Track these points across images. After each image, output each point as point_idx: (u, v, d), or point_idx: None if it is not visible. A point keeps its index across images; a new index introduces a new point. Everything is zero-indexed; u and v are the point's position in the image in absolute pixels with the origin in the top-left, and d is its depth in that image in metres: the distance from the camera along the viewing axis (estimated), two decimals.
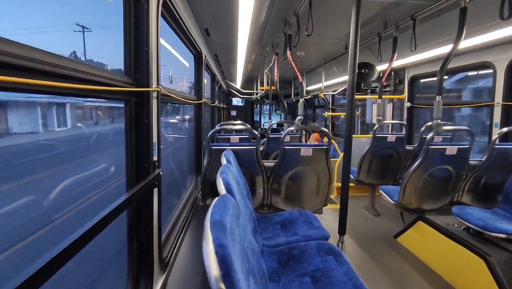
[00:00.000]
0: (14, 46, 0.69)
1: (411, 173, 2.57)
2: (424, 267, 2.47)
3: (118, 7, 1.33)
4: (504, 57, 2.82)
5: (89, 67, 0.99)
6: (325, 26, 3.33)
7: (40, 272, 0.68)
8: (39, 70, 0.77)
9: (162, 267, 1.67)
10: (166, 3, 1.71)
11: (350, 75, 1.84)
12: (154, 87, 1.46)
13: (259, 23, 3.09)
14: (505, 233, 1.97)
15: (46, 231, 2.09)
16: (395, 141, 3.52)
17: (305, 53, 4.91)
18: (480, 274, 1.98)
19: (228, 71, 6.84)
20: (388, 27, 3.20)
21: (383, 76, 3.51)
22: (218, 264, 0.74)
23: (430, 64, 3.83)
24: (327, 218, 3.49)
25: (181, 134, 5.34)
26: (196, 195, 3.30)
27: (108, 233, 1.03)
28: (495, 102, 2.93)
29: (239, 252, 0.99)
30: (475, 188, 2.73)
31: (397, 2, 2.56)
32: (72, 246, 0.79)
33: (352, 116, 1.90)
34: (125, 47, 1.34)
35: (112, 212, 1.01)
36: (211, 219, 0.87)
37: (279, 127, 9.73)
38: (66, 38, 2.82)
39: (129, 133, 1.39)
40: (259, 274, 1.23)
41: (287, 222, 2.24)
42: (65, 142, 4.06)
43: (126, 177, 1.40)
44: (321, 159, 2.57)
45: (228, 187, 1.43)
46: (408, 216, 2.97)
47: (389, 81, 4.69)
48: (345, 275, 1.50)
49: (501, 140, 2.67)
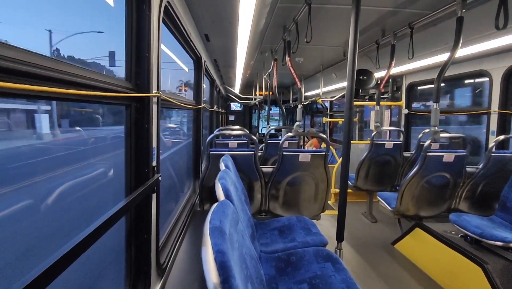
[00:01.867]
0: (14, 51, 0.68)
1: (409, 180, 2.58)
2: (421, 274, 2.47)
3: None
4: (500, 66, 2.86)
5: (91, 73, 1.00)
6: (324, 33, 3.37)
7: (38, 279, 0.66)
8: (40, 75, 0.76)
9: (159, 272, 1.65)
10: (167, 8, 1.73)
11: (349, 81, 1.85)
12: (155, 93, 1.47)
13: (258, 29, 3.12)
14: (502, 241, 1.98)
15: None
16: (393, 147, 3.54)
17: (303, 59, 4.95)
18: (477, 282, 1.98)
19: (227, 76, 6.86)
20: (386, 35, 3.24)
21: (381, 83, 3.54)
22: (217, 271, 0.73)
23: (427, 72, 3.87)
24: (325, 224, 3.48)
25: (178, 139, 5.32)
26: (194, 200, 3.29)
27: (104, 238, 1.03)
28: (492, 110, 2.96)
29: (237, 258, 0.98)
30: (472, 195, 2.74)
31: (395, 10, 2.60)
32: (71, 252, 0.77)
33: (350, 122, 1.91)
34: (126, 53, 1.35)
35: (112, 216, 1.00)
36: (210, 225, 0.86)
37: (277, 133, 9.75)
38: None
39: (129, 138, 1.39)
40: (257, 280, 1.22)
41: (285, 228, 2.23)
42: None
43: (125, 181, 1.40)
44: (319, 165, 2.57)
45: (226, 193, 1.43)
46: (405, 223, 2.98)
47: (386, 88, 4.73)
48: (343, 282, 1.50)
49: (498, 148, 2.70)
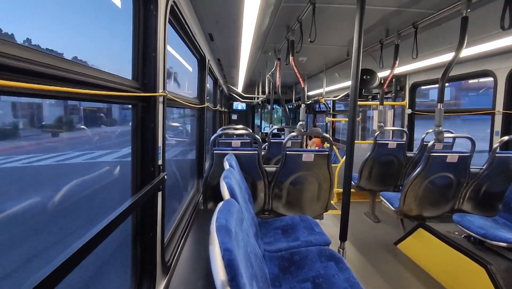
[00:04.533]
0: (24, 50, 0.69)
1: (412, 180, 2.58)
2: (424, 274, 2.47)
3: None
4: (504, 66, 2.85)
5: (100, 72, 1.01)
6: (328, 33, 3.36)
7: (47, 279, 0.66)
8: (49, 75, 0.77)
9: (164, 270, 1.67)
10: (173, 8, 1.74)
11: (353, 81, 1.85)
12: (161, 92, 1.48)
13: (262, 28, 3.12)
14: (506, 241, 1.97)
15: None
16: (396, 147, 3.53)
17: (307, 59, 4.95)
18: (480, 283, 1.98)
19: (230, 75, 6.87)
20: (390, 35, 3.23)
21: (385, 82, 3.53)
22: (225, 269, 0.74)
23: (431, 72, 3.86)
24: (327, 223, 3.48)
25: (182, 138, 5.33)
26: (197, 199, 3.31)
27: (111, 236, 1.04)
28: (496, 110, 2.95)
29: (243, 256, 0.99)
30: (476, 196, 2.73)
31: (399, 10, 2.59)
32: (79, 252, 0.78)
33: (354, 122, 1.91)
34: (133, 52, 1.36)
35: (119, 215, 1.01)
36: (217, 224, 0.87)
37: (279, 132, 9.75)
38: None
39: (135, 137, 1.40)
40: (262, 279, 1.23)
41: (288, 227, 2.24)
42: None
43: (131, 180, 1.41)
44: (322, 165, 2.58)
45: (232, 192, 1.44)
46: (408, 223, 2.97)
47: (390, 88, 4.72)
48: (346, 281, 1.50)
49: (502, 148, 2.69)
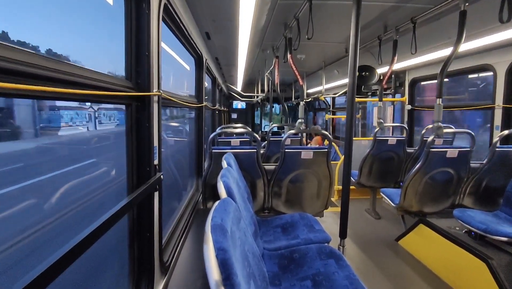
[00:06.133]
0: (13, 51, 0.68)
1: (412, 176, 2.57)
2: (425, 270, 2.46)
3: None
4: (504, 60, 2.82)
5: (91, 72, 1.00)
6: (325, 30, 3.34)
7: (39, 279, 0.66)
8: (40, 76, 0.77)
9: (163, 270, 1.67)
10: (167, 7, 1.73)
11: (351, 78, 1.85)
12: (155, 92, 1.47)
13: (259, 26, 3.11)
14: (507, 236, 1.96)
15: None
16: (396, 144, 3.52)
17: (305, 56, 4.92)
18: (482, 277, 1.97)
19: (228, 74, 6.85)
20: (388, 30, 3.20)
21: (384, 79, 3.51)
22: (219, 268, 0.74)
23: (430, 67, 3.83)
24: (328, 221, 3.48)
25: (181, 138, 5.32)
26: (196, 199, 3.30)
27: (107, 236, 1.03)
28: (496, 104, 2.93)
29: (240, 255, 0.98)
30: (476, 191, 2.72)
31: (397, 5, 2.57)
32: (73, 251, 0.78)
33: (352, 119, 1.90)
34: (126, 52, 1.35)
35: (113, 215, 1.01)
36: (211, 223, 0.86)
37: (279, 130, 9.74)
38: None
39: (130, 137, 1.39)
40: (260, 277, 1.22)
41: (288, 225, 2.23)
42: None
43: (127, 180, 1.41)
44: (321, 162, 2.56)
45: (228, 191, 1.43)
46: (409, 219, 2.96)
47: (389, 84, 4.69)
48: (346, 279, 1.49)
49: (502, 143, 2.67)
